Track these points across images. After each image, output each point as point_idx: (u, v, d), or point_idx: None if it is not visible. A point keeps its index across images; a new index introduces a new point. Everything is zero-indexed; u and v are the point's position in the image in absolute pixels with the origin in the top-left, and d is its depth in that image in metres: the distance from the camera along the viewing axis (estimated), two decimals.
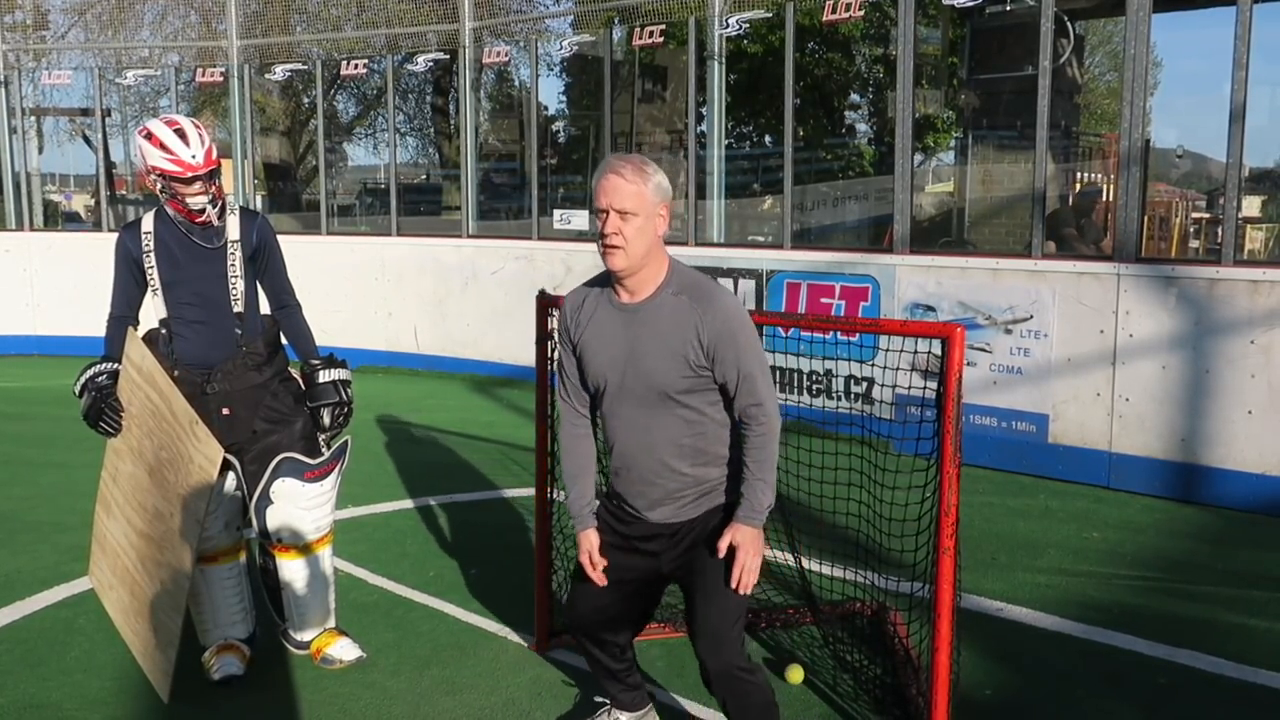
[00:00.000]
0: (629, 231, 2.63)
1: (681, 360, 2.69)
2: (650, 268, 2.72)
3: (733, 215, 10.47)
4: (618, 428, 2.83)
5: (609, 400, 2.81)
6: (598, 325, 2.80)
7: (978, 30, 8.93)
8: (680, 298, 2.71)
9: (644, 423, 2.77)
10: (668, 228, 2.73)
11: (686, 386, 2.72)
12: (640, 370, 2.72)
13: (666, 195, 2.70)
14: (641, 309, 2.74)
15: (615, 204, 2.63)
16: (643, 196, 2.64)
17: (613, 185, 2.64)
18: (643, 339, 2.72)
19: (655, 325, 2.71)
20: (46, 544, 5.14)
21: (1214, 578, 4.79)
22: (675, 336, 2.69)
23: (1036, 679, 3.76)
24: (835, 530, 4.17)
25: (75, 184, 21.46)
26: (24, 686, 3.67)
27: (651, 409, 2.75)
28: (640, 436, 2.78)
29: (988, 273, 6.69)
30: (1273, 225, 12.40)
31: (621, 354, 2.74)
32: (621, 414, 2.80)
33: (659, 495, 2.82)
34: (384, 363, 10.44)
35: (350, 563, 4.84)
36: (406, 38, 11.47)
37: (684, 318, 2.69)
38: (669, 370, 2.70)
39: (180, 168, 3.49)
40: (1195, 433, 5.94)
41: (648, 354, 2.71)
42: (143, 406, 3.65)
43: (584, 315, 2.85)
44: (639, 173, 2.66)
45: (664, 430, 2.76)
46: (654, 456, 2.78)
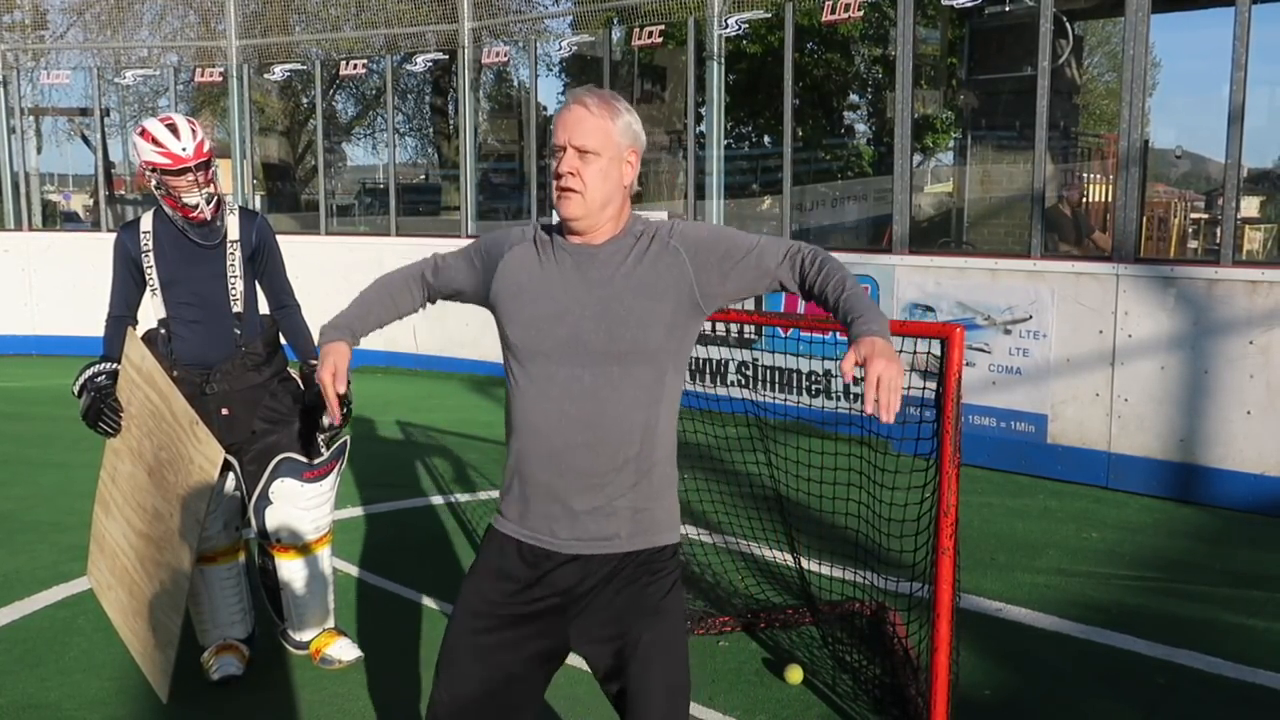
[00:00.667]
0: (589, 174, 2.16)
1: (660, 297, 2.18)
2: (611, 220, 2.23)
3: (732, 215, 10.47)
4: (549, 394, 2.18)
5: (545, 359, 2.19)
6: (543, 267, 2.25)
7: (977, 30, 8.94)
8: (644, 237, 2.23)
9: (592, 385, 2.16)
10: (635, 176, 2.25)
11: (664, 329, 2.18)
12: (605, 317, 2.16)
13: (637, 138, 2.23)
14: (600, 250, 2.22)
15: (575, 139, 2.16)
16: (608, 133, 2.18)
17: (575, 118, 2.18)
18: (605, 282, 2.19)
19: (621, 264, 2.20)
20: (45, 544, 5.14)
21: (1212, 578, 4.79)
22: (649, 271, 2.19)
23: (1035, 679, 3.76)
24: (835, 530, 4.17)
25: (74, 184, 21.48)
26: (23, 686, 3.66)
27: (606, 368, 2.16)
28: (584, 403, 2.16)
29: (986, 273, 6.69)
30: (1271, 226, 12.41)
31: (574, 299, 2.19)
32: (559, 377, 2.17)
33: (589, 498, 2.18)
34: (383, 363, 10.44)
35: (349, 563, 4.84)
36: (405, 38, 11.47)
37: (655, 248, 2.21)
38: (643, 313, 2.17)
39: (169, 159, 3.49)
40: (1194, 433, 5.94)
41: (615, 297, 2.17)
42: (142, 407, 3.64)
43: (524, 251, 2.30)
44: (607, 107, 2.19)
45: (619, 395, 2.17)
46: (598, 429, 2.16)
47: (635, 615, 2.17)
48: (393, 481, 6.33)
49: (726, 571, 4.60)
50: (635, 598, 2.18)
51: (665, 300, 2.18)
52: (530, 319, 2.21)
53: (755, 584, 4.52)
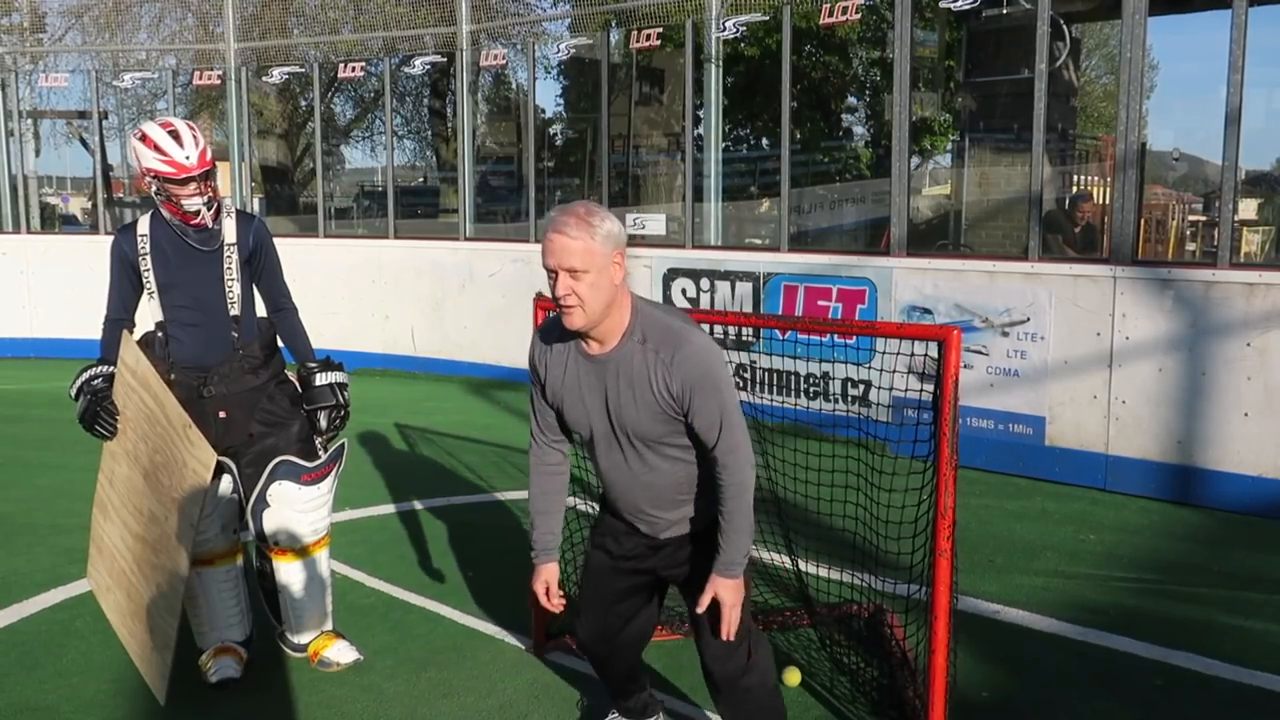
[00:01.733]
0: (582, 290, 2.48)
1: (657, 410, 2.61)
2: (613, 318, 2.58)
3: (730, 218, 10.48)
4: (607, 469, 2.79)
5: (594, 446, 2.78)
6: (570, 376, 2.72)
7: (974, 33, 8.94)
8: (647, 346, 2.59)
9: (633, 466, 2.73)
10: (624, 273, 2.56)
11: (667, 433, 2.65)
12: (622, 420, 2.66)
13: (619, 242, 2.52)
14: (610, 360, 2.63)
15: (564, 264, 2.47)
16: (591, 252, 2.46)
17: (559, 245, 2.47)
18: (617, 390, 2.63)
19: (627, 376, 2.61)
20: (43, 546, 5.14)
21: (1210, 580, 4.80)
22: (646, 387, 2.60)
23: (1033, 681, 3.76)
24: (832, 532, 4.17)
25: (72, 186, 21.45)
26: (21, 689, 3.66)
27: (639, 453, 2.70)
28: (630, 478, 2.75)
29: (984, 275, 6.70)
30: (1269, 228, 12.41)
31: (600, 404, 2.68)
32: (609, 458, 2.76)
33: (658, 521, 2.81)
34: (381, 365, 10.44)
35: (347, 565, 4.84)
36: (404, 40, 11.47)
37: (652, 368, 2.58)
38: (648, 420, 2.63)
39: (174, 169, 3.49)
40: (1191, 435, 5.95)
41: (625, 405, 2.63)
42: (137, 410, 3.64)
43: (554, 361, 2.75)
44: (584, 226, 2.46)
45: (653, 471, 2.72)
46: (646, 495, 2.76)
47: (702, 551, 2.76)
48: (391, 484, 6.33)
49: None
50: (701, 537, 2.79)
51: (661, 409, 2.62)
52: (576, 421, 2.77)
53: (753, 586, 4.51)
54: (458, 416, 8.25)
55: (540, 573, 2.89)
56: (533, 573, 2.91)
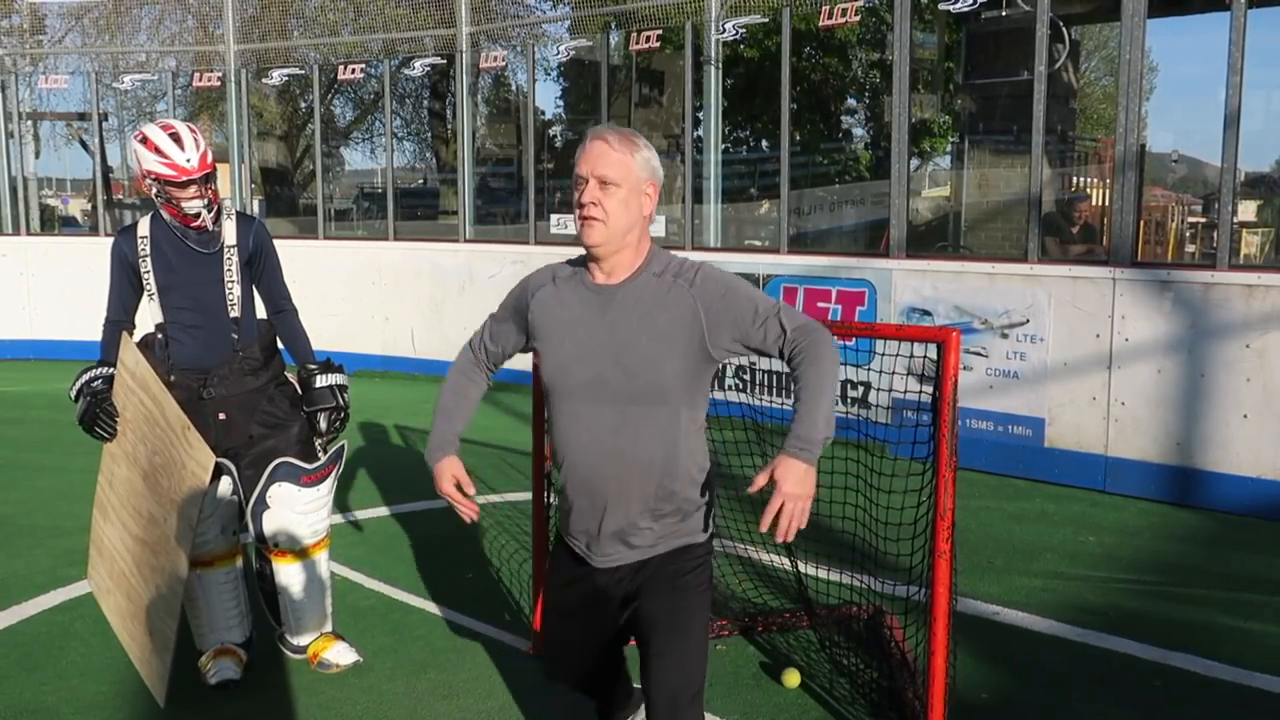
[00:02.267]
0: (610, 203, 2.35)
1: (674, 343, 2.35)
2: (630, 249, 2.40)
3: (729, 219, 10.49)
4: (580, 430, 2.43)
5: (573, 397, 2.43)
6: (567, 309, 2.45)
7: (973, 35, 8.94)
8: (664, 277, 2.40)
9: (615, 423, 2.38)
10: (654, 208, 2.44)
11: (677, 373, 2.36)
12: (623, 360, 2.36)
13: (655, 172, 2.42)
14: (621, 290, 2.40)
15: (597, 170, 2.36)
16: (628, 167, 2.37)
17: (597, 151, 2.37)
18: (625, 324, 2.37)
19: (640, 307, 2.37)
20: (43, 548, 5.14)
21: (1209, 581, 4.80)
22: (665, 317, 2.36)
23: (1032, 682, 3.76)
24: (832, 534, 4.17)
25: (72, 188, 21.45)
26: (20, 691, 3.66)
27: (626, 407, 2.37)
28: (607, 439, 2.40)
29: (984, 277, 6.70)
30: (1268, 229, 12.42)
31: (597, 342, 2.38)
32: (586, 413, 2.41)
33: (621, 519, 2.44)
34: (381, 367, 10.44)
35: (347, 567, 4.84)
36: (403, 42, 11.48)
37: (673, 295, 2.37)
38: (659, 356, 2.35)
39: (175, 171, 3.49)
40: (1190, 436, 5.95)
41: (632, 341, 2.35)
42: (137, 411, 3.65)
43: (551, 297, 2.50)
44: (627, 142, 2.38)
45: (636, 432, 2.38)
46: (619, 464, 2.40)
47: (652, 590, 2.44)
48: (391, 486, 6.33)
49: (724, 575, 4.60)
50: (654, 576, 2.46)
51: (678, 345, 2.35)
52: (559, 361, 2.44)
53: (752, 588, 4.52)
54: None
55: (442, 469, 2.59)
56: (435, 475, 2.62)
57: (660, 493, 2.42)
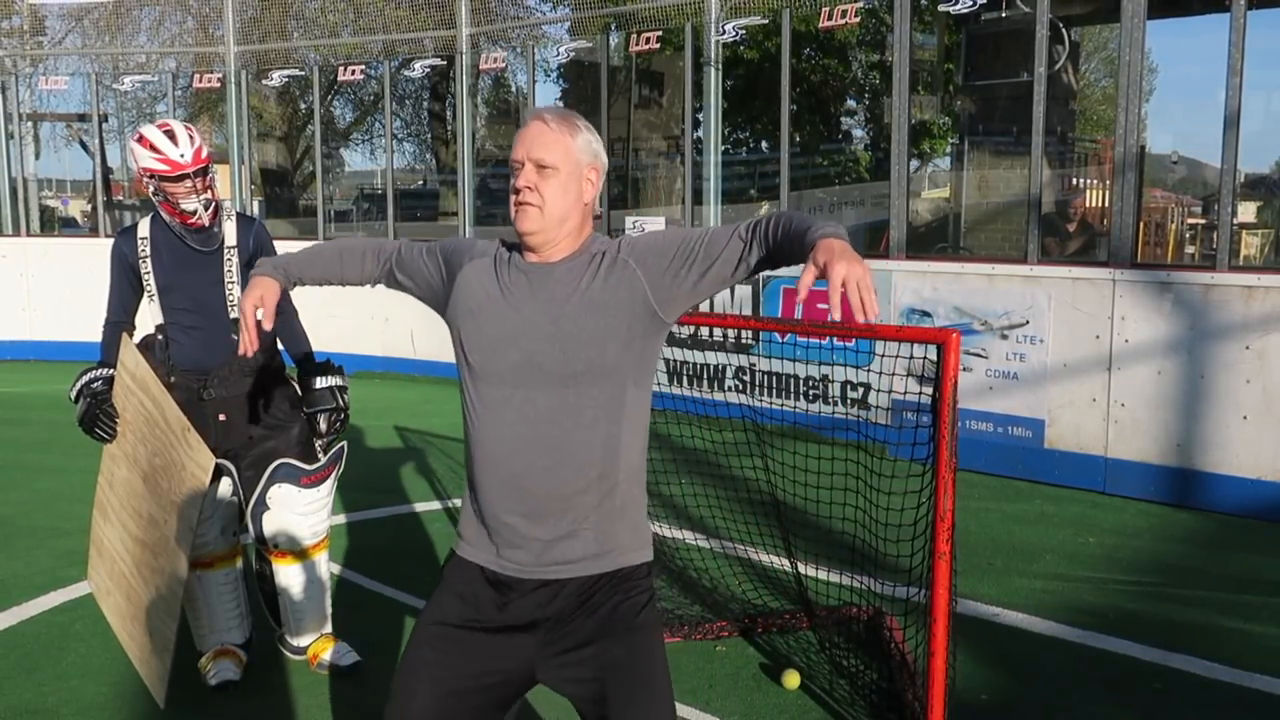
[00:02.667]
0: (547, 189, 2.13)
1: (616, 313, 2.11)
2: (567, 237, 2.18)
3: (729, 220, 10.46)
4: (504, 419, 2.14)
5: (500, 381, 2.15)
6: (496, 288, 2.20)
7: (973, 36, 8.95)
8: (599, 255, 2.17)
9: (548, 406, 2.10)
10: (596, 194, 2.22)
11: (620, 349, 2.11)
12: (559, 337, 2.10)
13: (597, 156, 2.20)
14: (556, 269, 2.17)
15: (533, 154, 2.14)
16: (567, 149, 2.15)
17: (534, 133, 2.16)
18: (558, 301, 2.13)
19: (575, 282, 2.14)
20: (43, 549, 5.14)
21: (1209, 582, 4.80)
22: (602, 288, 2.13)
23: (1032, 684, 3.76)
24: (831, 535, 4.17)
25: (72, 189, 21.46)
26: (20, 692, 3.66)
27: (561, 390, 2.10)
28: (540, 426, 2.11)
29: (983, 278, 6.70)
30: (1268, 230, 12.44)
31: (528, 321, 2.13)
32: (513, 400, 2.13)
33: (551, 525, 2.12)
34: (380, 368, 10.44)
35: (347, 568, 4.84)
36: (403, 43, 11.49)
37: (607, 265, 2.15)
38: (600, 330, 2.10)
39: (168, 166, 3.50)
40: (1190, 437, 5.95)
41: (566, 316, 2.11)
42: (136, 413, 3.65)
43: (482, 267, 2.24)
44: (565, 123, 2.17)
45: (576, 416, 2.10)
46: (556, 452, 2.10)
47: (610, 634, 2.10)
48: (390, 486, 6.33)
49: (724, 576, 4.60)
50: (609, 617, 2.11)
51: (620, 315, 2.12)
52: (484, 341, 2.17)
53: (752, 589, 4.52)
54: (457, 419, 8.16)
55: (256, 284, 2.34)
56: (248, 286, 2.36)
57: (603, 482, 2.13)
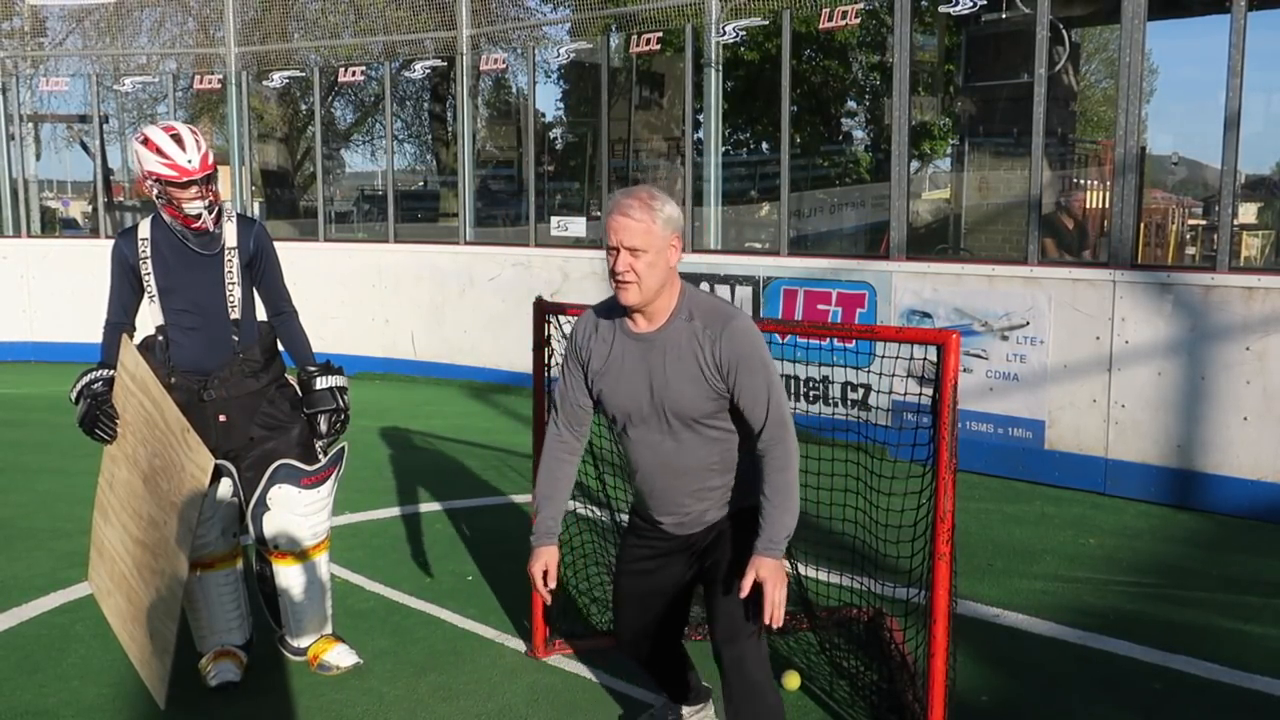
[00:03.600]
0: (640, 267, 2.65)
1: (702, 385, 2.71)
2: (664, 297, 2.73)
3: (729, 222, 10.49)
4: (642, 454, 2.86)
5: (631, 426, 2.84)
6: (615, 354, 2.81)
7: (974, 37, 8.94)
8: (694, 323, 2.72)
9: (670, 447, 2.80)
10: (679, 257, 2.74)
11: (711, 410, 2.75)
12: (665, 398, 2.74)
13: (676, 226, 2.70)
14: (657, 338, 2.75)
15: (625, 242, 2.64)
16: (651, 233, 2.64)
17: (620, 225, 2.65)
18: (662, 367, 2.74)
19: (675, 352, 2.73)
20: (43, 550, 5.14)
21: (1209, 583, 4.80)
22: (693, 361, 2.71)
23: (1032, 684, 3.76)
24: (832, 536, 4.17)
25: (72, 190, 21.47)
26: (20, 693, 3.66)
27: (677, 434, 2.78)
28: (667, 460, 2.82)
29: (984, 279, 6.70)
30: (1268, 232, 12.44)
31: (643, 383, 2.77)
32: (646, 440, 2.83)
33: (686, 514, 2.88)
34: (381, 369, 10.44)
35: (347, 569, 4.84)
36: (404, 44, 11.49)
37: (699, 343, 2.71)
38: (692, 396, 2.72)
39: (176, 172, 3.50)
40: (1191, 439, 5.95)
41: (669, 382, 2.73)
42: (136, 414, 3.65)
43: (598, 344, 2.86)
44: (646, 209, 2.65)
45: (690, 453, 2.80)
46: (681, 480, 2.83)
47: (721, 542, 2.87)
48: (391, 488, 6.33)
49: None
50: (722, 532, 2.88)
51: (703, 387, 2.73)
52: (613, 400, 2.84)
53: None
54: (457, 421, 8.25)
55: (539, 555, 2.91)
56: (531, 556, 2.91)
57: (720, 487, 2.86)
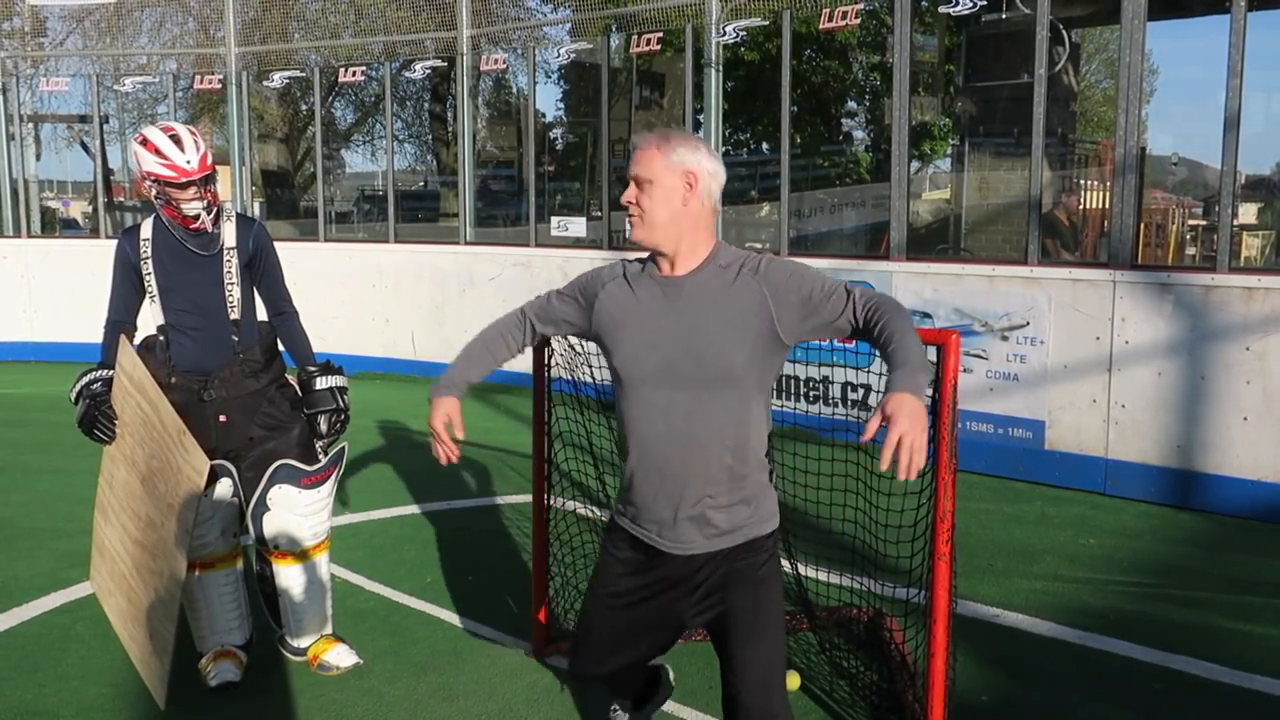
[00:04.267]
0: (646, 201, 2.46)
1: (744, 330, 2.40)
2: (688, 243, 2.48)
3: (730, 222, 10.49)
4: (650, 417, 2.47)
5: (645, 384, 2.47)
6: (637, 299, 2.52)
7: (974, 38, 8.95)
8: (730, 268, 2.46)
9: (686, 408, 2.43)
10: (699, 198, 2.47)
11: (746, 361, 2.41)
12: (693, 347, 2.41)
13: (693, 166, 2.46)
14: (687, 282, 2.48)
15: (633, 171, 2.50)
16: (658, 163, 2.46)
17: (637, 154, 2.51)
18: (692, 313, 2.44)
19: (706, 296, 2.44)
20: (44, 550, 5.14)
21: (1209, 584, 4.80)
22: (732, 305, 2.42)
23: (1032, 685, 3.76)
24: (832, 536, 4.17)
25: (73, 190, 21.49)
26: (20, 693, 3.66)
27: (697, 393, 2.42)
28: (680, 424, 2.44)
29: (984, 279, 6.70)
30: (1268, 232, 12.44)
31: (666, 330, 2.45)
32: (657, 401, 2.45)
33: (691, 504, 2.48)
34: (381, 369, 10.45)
35: (347, 569, 4.84)
36: (404, 45, 11.49)
37: (739, 283, 2.43)
38: (727, 343, 2.40)
39: (175, 172, 3.50)
40: (1191, 439, 5.95)
41: (700, 328, 2.42)
42: (134, 415, 3.65)
43: (618, 287, 2.57)
44: (661, 141, 2.48)
45: (709, 417, 2.43)
46: (693, 448, 2.44)
47: (735, 584, 2.51)
48: (391, 488, 6.33)
49: None
50: (735, 570, 2.52)
51: (747, 332, 2.41)
52: (629, 350, 2.50)
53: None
54: None
55: (439, 405, 2.69)
56: (430, 409, 2.70)
57: (733, 475, 2.47)
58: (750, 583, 2.52)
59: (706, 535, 2.51)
